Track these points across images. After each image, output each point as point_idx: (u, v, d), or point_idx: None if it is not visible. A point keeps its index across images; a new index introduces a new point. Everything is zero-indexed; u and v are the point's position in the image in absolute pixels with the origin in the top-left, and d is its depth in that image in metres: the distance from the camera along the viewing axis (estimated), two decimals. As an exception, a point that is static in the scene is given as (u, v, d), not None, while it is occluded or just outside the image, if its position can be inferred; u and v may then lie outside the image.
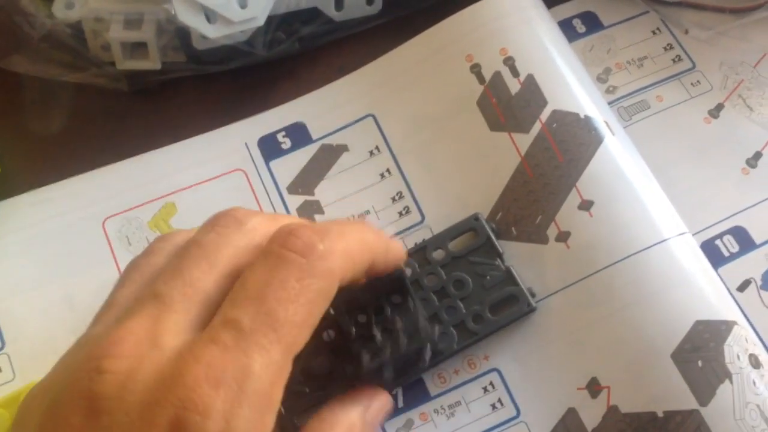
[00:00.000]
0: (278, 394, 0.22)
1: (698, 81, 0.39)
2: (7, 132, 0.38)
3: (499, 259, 0.32)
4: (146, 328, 0.22)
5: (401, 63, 0.38)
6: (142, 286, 0.24)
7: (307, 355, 0.30)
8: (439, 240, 0.33)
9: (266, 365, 0.21)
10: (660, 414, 0.30)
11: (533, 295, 0.32)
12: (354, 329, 0.29)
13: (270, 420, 0.22)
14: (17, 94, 0.39)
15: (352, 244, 0.25)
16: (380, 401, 0.29)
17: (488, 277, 0.32)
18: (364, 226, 0.27)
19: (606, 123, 0.34)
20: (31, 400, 0.23)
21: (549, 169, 0.33)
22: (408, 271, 0.32)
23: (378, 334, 0.29)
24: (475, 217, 0.33)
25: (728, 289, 0.33)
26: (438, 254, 0.33)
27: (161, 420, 0.20)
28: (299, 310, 0.22)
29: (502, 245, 0.33)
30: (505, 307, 0.32)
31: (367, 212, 0.35)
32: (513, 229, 0.33)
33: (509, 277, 0.32)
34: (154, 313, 0.22)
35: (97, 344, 0.22)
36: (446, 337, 0.31)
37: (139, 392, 0.21)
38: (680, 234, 0.32)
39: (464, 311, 0.32)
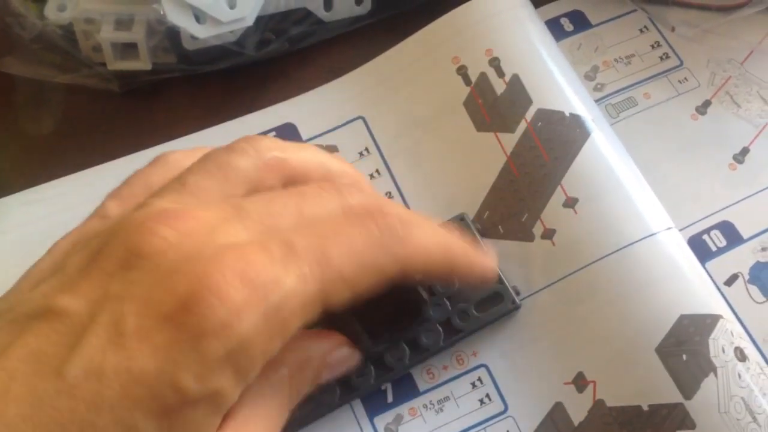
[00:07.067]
0: (294, 325, 0.21)
1: (685, 78, 0.39)
2: (-1, 133, 0.38)
3: (484, 258, 0.33)
4: (213, 220, 0.22)
5: (390, 67, 0.38)
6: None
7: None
8: None
9: (298, 292, 0.21)
10: (645, 408, 0.30)
11: (518, 293, 0.32)
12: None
13: (275, 345, 0.21)
14: (8, 95, 0.39)
15: (433, 237, 0.25)
16: (348, 351, 0.28)
17: None
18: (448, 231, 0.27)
19: (591, 120, 0.34)
20: (70, 242, 0.23)
21: (534, 167, 0.34)
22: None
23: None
24: (461, 218, 0.34)
25: (716, 284, 0.33)
26: (425, 252, 0.33)
27: (179, 288, 0.20)
28: (354, 269, 0.22)
29: (489, 243, 0.33)
30: (491, 304, 0.32)
31: (356, 210, 0.36)
32: (500, 227, 0.34)
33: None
34: (226, 214, 0.22)
35: (163, 210, 0.21)
36: (432, 334, 0.32)
37: (173, 261, 0.20)
38: (667, 229, 0.32)
39: (450, 308, 0.32)
